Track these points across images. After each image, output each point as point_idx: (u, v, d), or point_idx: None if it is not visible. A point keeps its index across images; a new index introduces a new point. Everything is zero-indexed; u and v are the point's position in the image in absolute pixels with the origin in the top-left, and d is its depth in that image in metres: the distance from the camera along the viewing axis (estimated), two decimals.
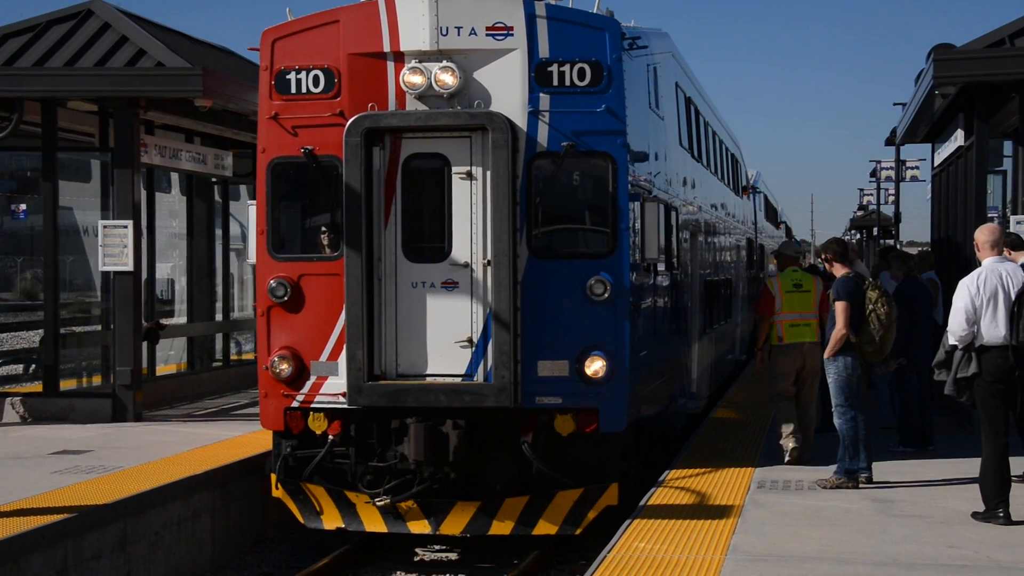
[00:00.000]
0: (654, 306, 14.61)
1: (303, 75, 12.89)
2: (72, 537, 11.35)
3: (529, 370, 12.63)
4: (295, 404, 13.02)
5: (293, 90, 12.94)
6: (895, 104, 37.15)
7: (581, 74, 12.60)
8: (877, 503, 11.90)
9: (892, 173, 48.68)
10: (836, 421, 13.10)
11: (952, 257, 19.79)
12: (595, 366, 12.55)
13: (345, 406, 12.88)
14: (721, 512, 11.55)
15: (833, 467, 12.95)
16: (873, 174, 59.21)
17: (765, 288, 14.81)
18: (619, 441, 12.96)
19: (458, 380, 12.77)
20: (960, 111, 19.27)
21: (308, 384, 12.98)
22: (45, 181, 17.96)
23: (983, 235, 11.21)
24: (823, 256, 13.72)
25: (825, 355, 13.16)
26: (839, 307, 12.86)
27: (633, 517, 11.55)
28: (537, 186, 12.72)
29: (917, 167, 49.97)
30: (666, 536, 10.72)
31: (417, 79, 12.66)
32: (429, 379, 12.83)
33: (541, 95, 12.64)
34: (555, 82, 12.62)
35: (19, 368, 23.06)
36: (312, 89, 12.88)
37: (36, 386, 18.92)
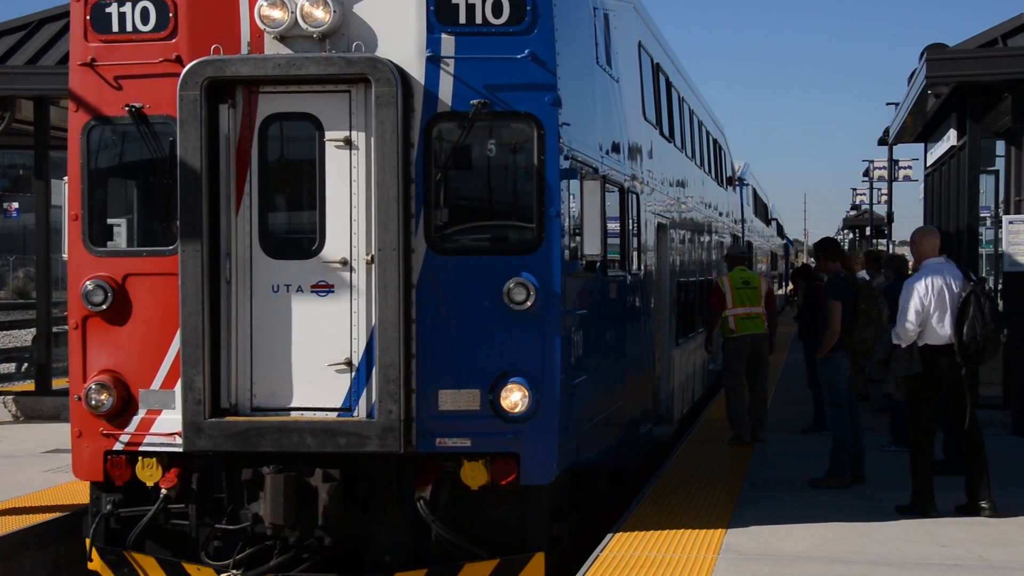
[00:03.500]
0: (601, 316, 11.13)
1: (128, 8, 9.61)
2: (65, 536, 10.97)
3: (427, 402, 9.24)
4: (118, 447, 9.56)
5: (115, 28, 9.62)
6: (888, 104, 37.18)
7: (497, 9, 9.27)
8: (869, 502, 11.54)
9: (885, 173, 48.71)
10: (828, 421, 13.13)
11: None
12: (514, 397, 9.21)
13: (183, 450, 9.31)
14: (714, 511, 11.04)
15: (826, 466, 12.67)
16: (866, 174, 59.42)
17: (716, 286, 15.74)
18: (548, 495, 9.45)
19: (332, 416, 9.30)
20: (953, 111, 18.84)
21: (136, 420, 9.54)
22: (38, 179, 17.49)
23: (924, 237, 11.15)
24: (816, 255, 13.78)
25: (818, 355, 13.14)
26: (831, 307, 12.71)
27: (625, 517, 10.75)
28: (438, 158, 9.28)
29: (910, 167, 49.86)
30: (659, 535, 10.16)
31: (277, 13, 9.29)
32: (294, 414, 9.35)
33: (444, 36, 9.22)
34: (462, 19, 9.25)
35: (11, 367, 23.09)
36: (140, 27, 9.59)
37: (29, 385, 18.50)
